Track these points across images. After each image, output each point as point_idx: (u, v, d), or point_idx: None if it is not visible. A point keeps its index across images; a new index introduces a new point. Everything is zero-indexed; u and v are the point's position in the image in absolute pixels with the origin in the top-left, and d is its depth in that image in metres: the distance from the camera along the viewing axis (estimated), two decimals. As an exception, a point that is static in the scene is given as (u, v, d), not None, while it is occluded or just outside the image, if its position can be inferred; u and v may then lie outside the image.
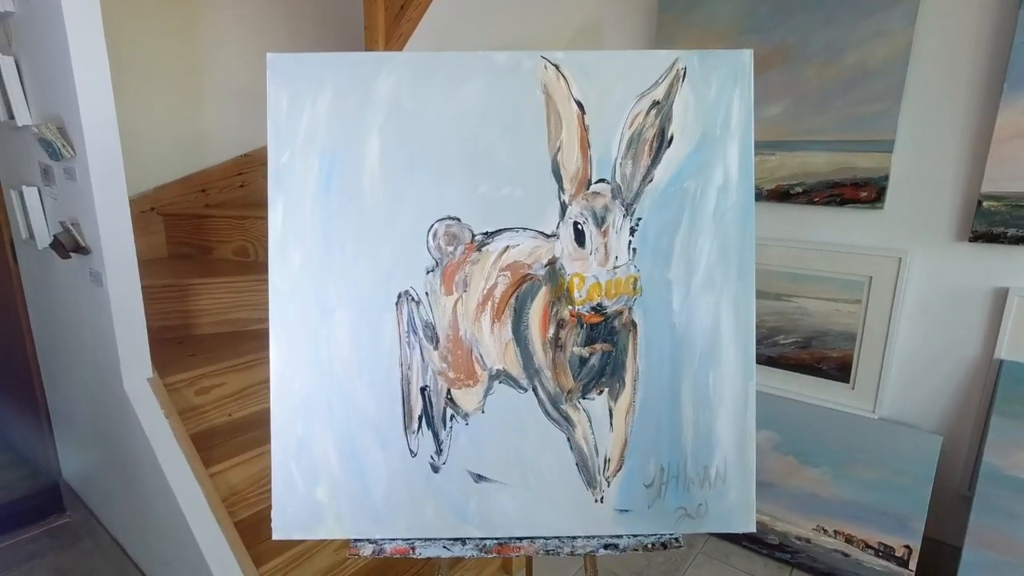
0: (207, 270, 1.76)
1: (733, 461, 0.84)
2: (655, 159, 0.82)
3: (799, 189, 1.74)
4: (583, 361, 0.83)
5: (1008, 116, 1.49)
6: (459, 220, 0.82)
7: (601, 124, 0.82)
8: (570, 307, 0.82)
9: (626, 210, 0.82)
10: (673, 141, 0.83)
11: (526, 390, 0.83)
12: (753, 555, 1.81)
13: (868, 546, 1.70)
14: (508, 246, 0.82)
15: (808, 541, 1.75)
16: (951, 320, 1.63)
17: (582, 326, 0.82)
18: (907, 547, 1.64)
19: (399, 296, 0.82)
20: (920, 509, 1.66)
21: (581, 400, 0.84)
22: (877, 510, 1.73)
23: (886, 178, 1.64)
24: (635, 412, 0.83)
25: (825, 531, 1.74)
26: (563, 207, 0.82)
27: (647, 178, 0.82)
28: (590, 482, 0.84)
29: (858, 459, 1.76)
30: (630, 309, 0.83)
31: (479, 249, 0.82)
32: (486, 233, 0.82)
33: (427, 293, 0.82)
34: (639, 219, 0.83)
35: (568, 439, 0.84)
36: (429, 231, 0.82)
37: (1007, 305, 1.55)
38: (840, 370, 1.84)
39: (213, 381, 1.49)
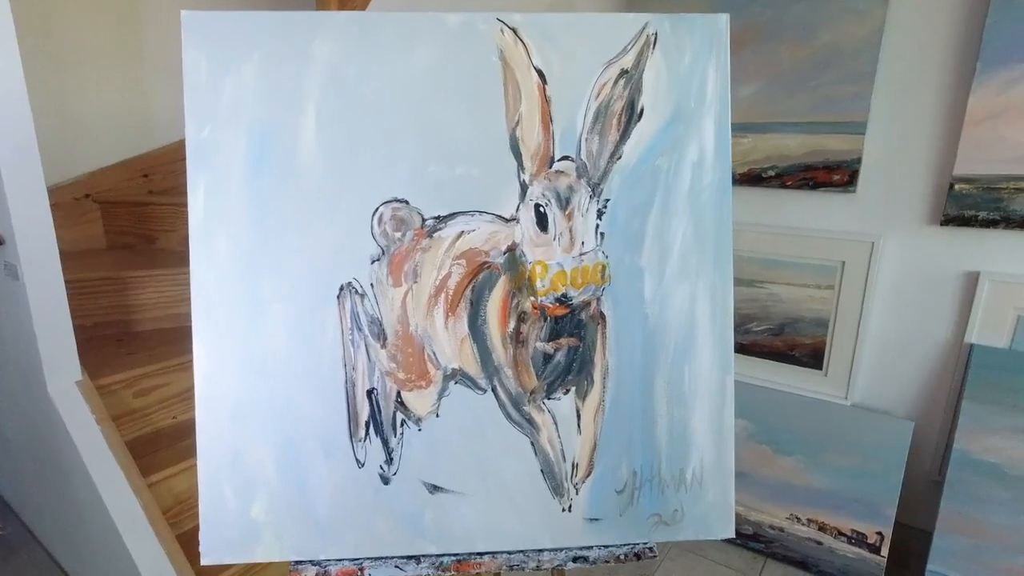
0: (150, 261, 1.63)
1: (710, 462, 0.77)
2: (624, 134, 0.74)
3: (771, 172, 1.69)
4: (547, 358, 0.75)
5: (980, 97, 1.46)
6: (407, 203, 0.73)
7: (564, 95, 0.73)
8: (532, 298, 0.74)
9: (593, 191, 0.74)
10: (643, 114, 0.75)
11: (485, 391, 0.75)
12: (727, 546, 1.77)
13: (841, 533, 1.67)
14: (463, 231, 0.73)
15: (782, 530, 1.72)
16: (923, 305, 1.60)
17: (545, 319, 0.74)
18: (879, 534, 1.61)
19: (341, 288, 0.73)
20: (892, 496, 1.63)
21: (546, 400, 0.76)
22: (850, 497, 1.70)
23: (859, 161, 1.60)
24: (605, 412, 0.76)
25: (799, 519, 1.71)
26: (523, 188, 0.73)
27: (615, 155, 0.74)
28: (557, 489, 0.76)
29: (831, 446, 1.73)
30: (598, 300, 0.75)
31: (430, 235, 0.73)
32: (438, 217, 0.73)
33: (372, 285, 0.73)
34: (607, 200, 0.75)
35: (532, 443, 0.76)
36: (374, 215, 0.72)
37: (978, 289, 1.53)
38: (813, 357, 1.80)
39: (155, 381, 1.37)
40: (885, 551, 1.65)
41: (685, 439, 0.76)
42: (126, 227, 1.77)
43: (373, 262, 0.73)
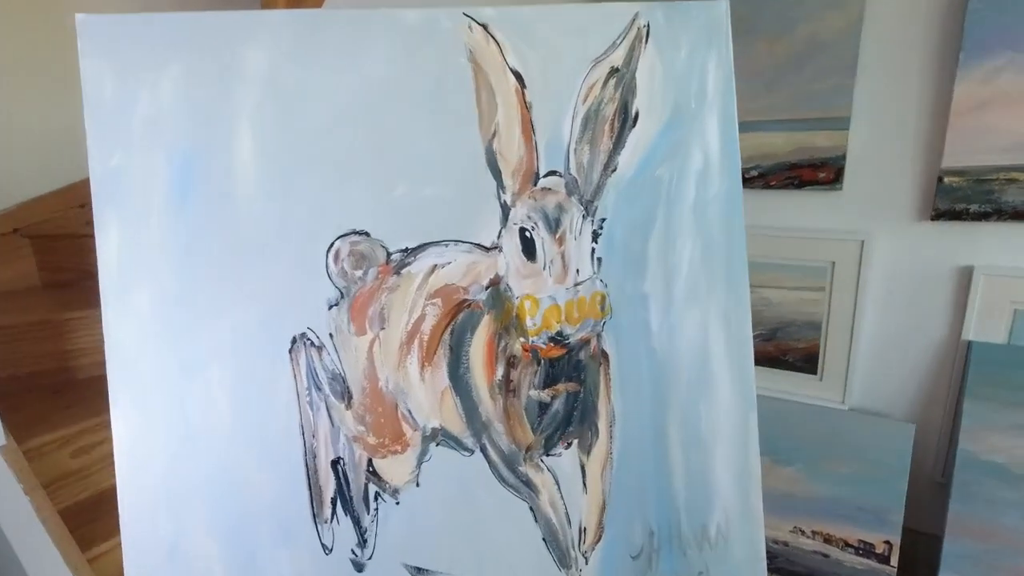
0: (90, 300, 1.45)
1: (736, 513, 0.66)
2: (618, 142, 0.64)
3: (755, 172, 1.61)
4: (543, 407, 0.64)
5: (965, 87, 1.40)
6: (368, 235, 0.61)
7: (547, 100, 0.62)
8: (522, 339, 0.62)
9: (586, 209, 0.63)
10: (639, 118, 0.64)
11: (472, 451, 0.63)
12: (733, 569, 1.67)
13: (848, 544, 1.60)
14: (436, 265, 0.62)
15: (786, 544, 1.63)
16: (917, 303, 1.54)
17: (539, 363, 0.63)
18: (887, 542, 1.54)
19: (293, 341, 0.60)
20: (898, 502, 1.56)
21: (545, 457, 0.64)
22: (854, 505, 1.63)
23: (844, 157, 1.54)
24: (614, 465, 0.65)
25: (803, 532, 1.63)
26: (505, 210, 0.62)
27: (609, 167, 0.64)
28: (563, 560, 0.64)
29: (831, 454, 1.66)
30: (599, 336, 0.64)
31: (398, 271, 0.61)
32: (405, 250, 0.61)
33: (332, 334, 0.61)
34: (603, 220, 0.64)
35: (531, 508, 0.64)
36: (329, 251, 0.61)
37: (972, 284, 1.47)
38: (807, 361, 1.73)
39: (97, 437, 1.21)
40: (895, 560, 1.58)
41: (706, 489, 0.66)
42: (63, 263, 1.59)
43: (331, 307, 0.61)
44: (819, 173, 1.62)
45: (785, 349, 1.78)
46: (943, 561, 1.48)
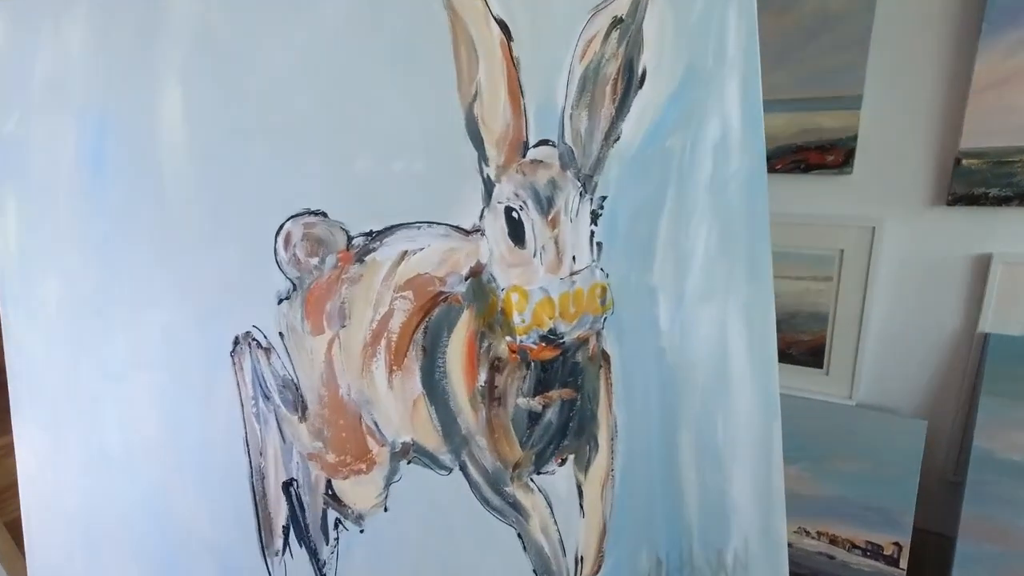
0: None
1: (757, 537, 0.57)
2: (622, 107, 0.54)
3: (760, 156, 1.50)
4: (534, 418, 0.54)
5: (987, 62, 1.30)
6: (325, 215, 0.51)
7: (538, 56, 0.52)
8: (508, 338, 0.53)
9: (584, 186, 0.53)
10: (646, 79, 0.54)
11: (450, 470, 0.53)
12: (735, 573, 1.59)
13: (855, 546, 1.52)
14: (406, 251, 0.52)
15: (790, 545, 1.55)
16: (930, 293, 1.46)
17: (529, 366, 0.53)
18: (896, 544, 1.46)
19: (236, 342, 0.50)
20: (908, 502, 1.48)
21: (535, 476, 0.55)
22: (861, 505, 1.55)
23: (854, 139, 1.44)
24: (616, 484, 0.55)
25: (807, 533, 1.55)
26: (488, 186, 0.52)
27: (611, 136, 0.54)
28: (556, 596, 0.55)
29: (838, 451, 1.58)
30: (598, 334, 0.54)
31: (361, 259, 0.51)
32: (370, 233, 0.52)
33: (282, 333, 0.52)
34: (603, 198, 0.54)
35: (520, 535, 0.55)
36: (278, 235, 0.52)
37: (990, 273, 1.38)
38: (812, 355, 1.65)
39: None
40: (904, 563, 1.50)
41: (723, 511, 0.56)
42: None
43: (281, 301, 0.51)
44: (827, 156, 1.53)
45: (789, 342, 1.70)
46: (955, 564, 1.41)
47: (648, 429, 0.56)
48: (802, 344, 1.70)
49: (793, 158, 1.57)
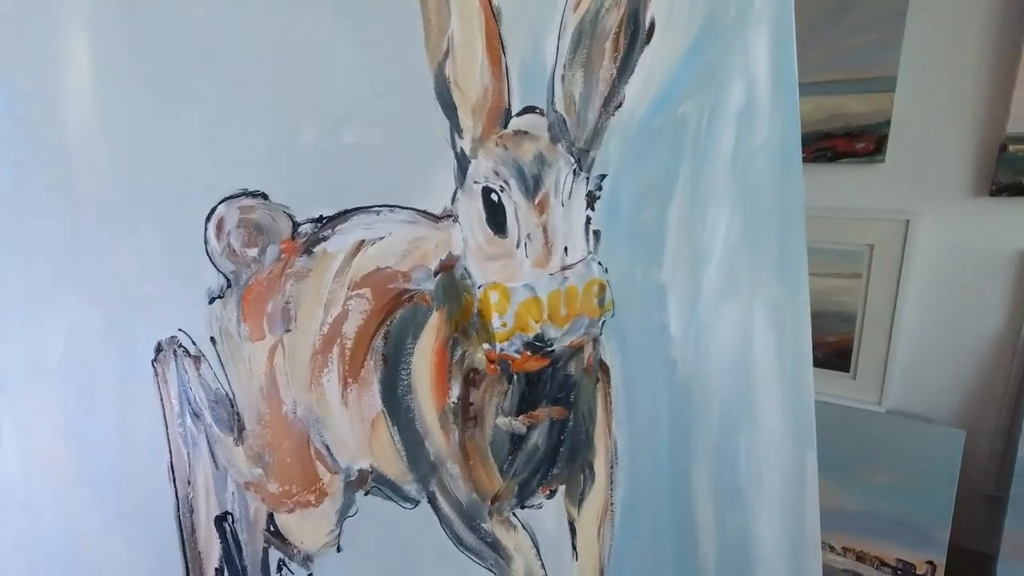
0: None
1: (785, 588, 0.47)
2: (624, 66, 0.45)
3: (783, 144, 1.39)
4: (517, 441, 0.46)
5: (1038, 37, 1.18)
6: (266, 197, 0.43)
7: (524, 5, 0.43)
8: (486, 345, 0.44)
9: (578, 162, 0.45)
10: (654, 32, 0.45)
11: (416, 502, 0.45)
12: (754, 592, 1.49)
13: (884, 564, 1.43)
14: (363, 241, 0.44)
15: (815, 563, 1.44)
16: (969, 291, 1.37)
17: (511, 379, 0.45)
18: (930, 563, 1.36)
19: (159, 349, 0.43)
20: (943, 517, 1.38)
21: (519, 511, 0.46)
22: (892, 520, 1.45)
23: (887, 124, 1.35)
24: (615, 522, 0.46)
25: (832, 548, 1.45)
26: (462, 162, 0.44)
27: (612, 102, 0.46)
28: (543, 654, 0.46)
29: (866, 461, 1.48)
30: (596, 341, 0.45)
31: (309, 250, 0.43)
32: (320, 219, 0.45)
33: (214, 339, 0.45)
34: (602, 177, 0.46)
35: (499, 582, 0.45)
36: (209, 221, 0.44)
37: (1036, 270, 1.27)
38: (839, 358, 1.55)
39: None
40: (939, 583, 1.40)
41: (745, 559, 0.48)
42: None
43: (213, 300, 0.44)
44: (857, 143, 1.43)
45: (814, 343, 1.57)
46: (997, 585, 1.31)
47: (655, 456, 0.47)
48: (827, 346, 1.61)
49: (819, 146, 1.49)
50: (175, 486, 0.45)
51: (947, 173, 1.36)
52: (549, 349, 0.46)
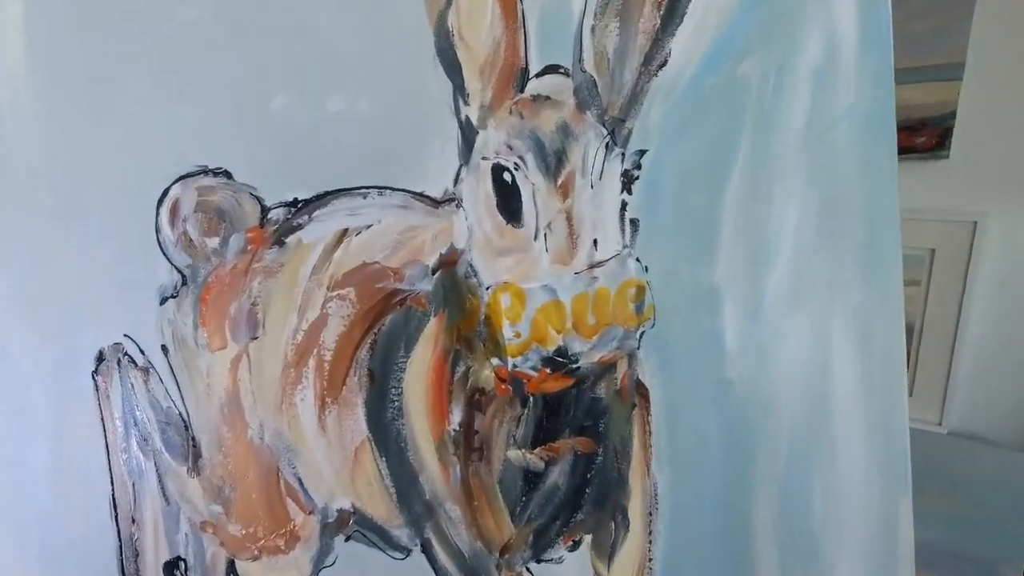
0: None
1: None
2: (670, 17, 0.38)
3: (832, 139, 1.29)
4: (532, 479, 0.38)
5: None
6: (230, 176, 0.37)
7: (543, -59, 0.35)
8: (496, 361, 0.36)
9: (612, 135, 0.38)
10: (708, -26, 0.36)
11: (408, 551, 0.38)
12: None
13: (944, 601, 1.27)
14: (347, 231, 0.37)
15: (867, 598, 1.32)
16: (1042, 302, 1.26)
17: (526, 403, 0.36)
18: (999, 604, 1.21)
19: (100, 358, 0.35)
20: (1012, 549, 1.24)
21: (534, 564, 0.37)
22: (952, 553, 1.32)
23: (952, 116, 1.28)
24: (654, 582, 0.37)
25: (885, 583, 1.31)
26: (468, 134, 0.39)
27: (654, 60, 0.39)
28: None
29: (924, 487, 1.33)
30: (632, 357, 0.36)
31: (280, 241, 0.36)
32: (294, 204, 0.38)
33: (166, 347, 0.38)
34: (641, 154, 0.39)
35: (508, 652, 0.37)
36: (161, 204, 0.37)
37: (1121, 279, 1.16)
38: (894, 372, 1.41)
39: None
40: (1009, 627, 1.25)
41: (820, 629, 0.37)
42: None
43: (165, 300, 0.38)
44: (917, 137, 1.34)
45: (865, 356, 1.47)
46: (1080, 632, 1.16)
47: (705, 500, 0.39)
48: (880, 360, 1.48)
49: (873, 142, 1.37)
50: (117, 524, 0.39)
51: (1018, 170, 1.24)
52: (573, 366, 0.38)
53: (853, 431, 0.40)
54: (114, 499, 0.38)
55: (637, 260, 0.39)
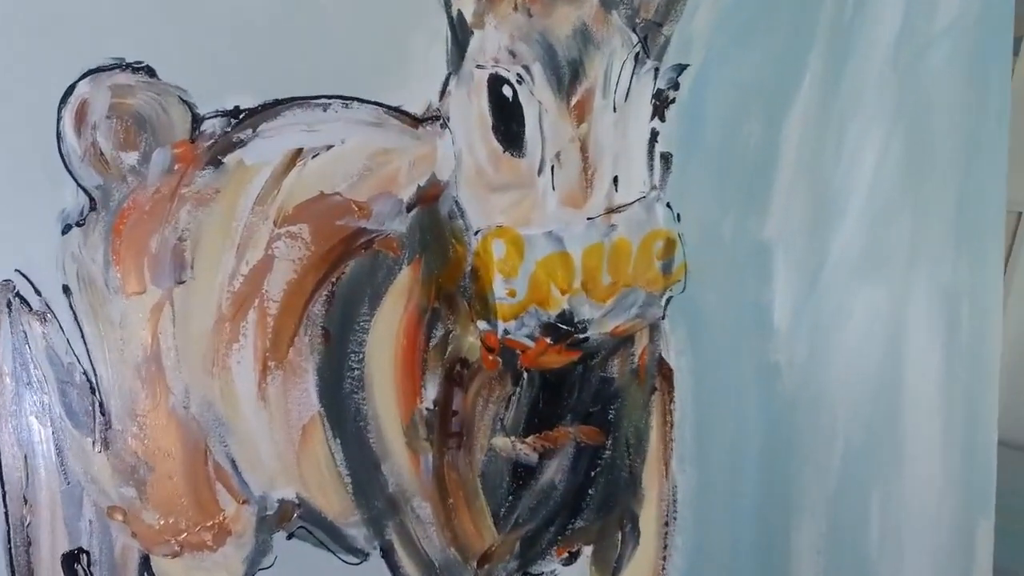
0: None
1: None
2: None
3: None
4: (522, 475, 0.34)
5: None
6: (153, 73, 0.31)
7: None
8: (483, 324, 0.29)
9: (643, 43, 0.31)
10: None
11: (364, 555, 0.31)
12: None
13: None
14: (300, 151, 0.30)
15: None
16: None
17: (518, 380, 0.29)
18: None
19: None
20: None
21: (521, 578, 0.32)
22: (995, 568, 1.24)
23: None
24: (667, 607, 0.30)
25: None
26: (459, 33, 0.32)
27: None
28: None
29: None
30: (655, 329, 0.29)
31: (217, 160, 0.29)
32: (235, 114, 0.32)
33: (69, 288, 0.32)
34: (680, 70, 0.32)
35: None
36: (64, 105, 0.30)
37: None
38: (921, 372, 1.33)
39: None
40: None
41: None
42: None
43: (68, 229, 0.31)
44: None
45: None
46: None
47: (736, 509, 0.32)
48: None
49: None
50: (5, 506, 0.33)
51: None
52: (580, 336, 0.32)
53: (927, 437, 0.34)
54: (0, 475, 0.32)
55: (668, 206, 0.33)
